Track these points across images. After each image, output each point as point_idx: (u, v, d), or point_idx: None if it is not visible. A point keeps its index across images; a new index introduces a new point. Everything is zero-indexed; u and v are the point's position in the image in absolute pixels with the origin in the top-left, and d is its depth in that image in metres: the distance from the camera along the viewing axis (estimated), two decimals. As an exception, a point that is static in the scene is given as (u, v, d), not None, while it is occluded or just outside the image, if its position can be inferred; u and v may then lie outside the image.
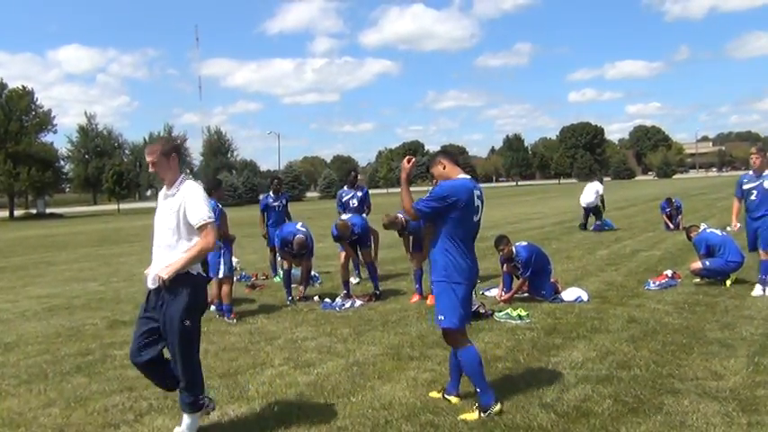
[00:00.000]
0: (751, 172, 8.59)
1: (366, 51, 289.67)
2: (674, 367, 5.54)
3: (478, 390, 4.69)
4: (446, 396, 5.01)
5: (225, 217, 8.65)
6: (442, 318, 4.71)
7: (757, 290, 8.37)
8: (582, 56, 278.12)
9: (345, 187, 11.24)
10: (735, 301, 8.07)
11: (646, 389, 5.03)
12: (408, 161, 4.92)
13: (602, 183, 19.33)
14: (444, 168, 4.92)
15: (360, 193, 10.89)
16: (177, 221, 4.34)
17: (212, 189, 8.80)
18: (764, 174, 8.34)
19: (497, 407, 4.64)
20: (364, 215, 10.61)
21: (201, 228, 4.30)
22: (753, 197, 8.40)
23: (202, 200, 4.35)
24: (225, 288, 8.46)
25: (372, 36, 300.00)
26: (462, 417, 4.63)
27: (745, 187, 8.53)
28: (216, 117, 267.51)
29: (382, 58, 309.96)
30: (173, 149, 4.49)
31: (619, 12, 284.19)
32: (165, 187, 4.52)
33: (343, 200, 11.02)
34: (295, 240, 9.30)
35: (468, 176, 4.92)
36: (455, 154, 5.31)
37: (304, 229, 9.54)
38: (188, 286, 4.32)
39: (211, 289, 8.89)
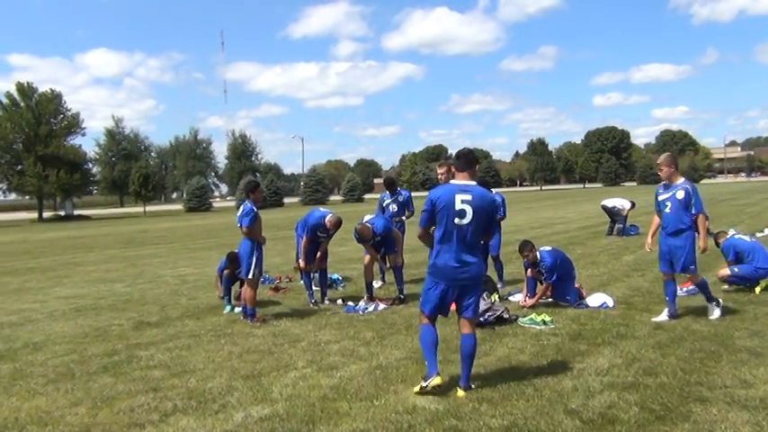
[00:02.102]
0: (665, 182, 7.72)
1: (390, 55, 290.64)
2: (702, 375, 5.46)
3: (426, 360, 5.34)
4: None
5: (260, 220, 8.59)
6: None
7: (712, 311, 7.53)
8: (607, 59, 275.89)
9: (387, 192, 11.21)
10: (764, 309, 7.92)
11: (673, 396, 4.96)
12: None
13: (632, 206, 18.81)
14: (449, 173, 5.49)
15: (401, 198, 10.89)
16: None
17: (249, 191, 8.76)
18: (677, 184, 7.53)
19: (437, 380, 5.15)
20: (403, 217, 10.63)
21: None
22: (667, 210, 7.51)
23: None
24: (249, 292, 8.47)
25: (396, 39, 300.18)
26: (415, 389, 5.25)
27: (660, 198, 7.68)
28: (240, 120, 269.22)
29: (406, 61, 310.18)
30: None
31: (645, 14, 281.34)
32: None
33: (384, 204, 11.04)
34: (327, 220, 9.35)
35: (462, 182, 5.26)
36: (461, 159, 5.43)
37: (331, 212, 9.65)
38: None
39: (239, 290, 8.95)
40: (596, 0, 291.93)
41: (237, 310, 9.15)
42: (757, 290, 8.84)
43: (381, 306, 8.99)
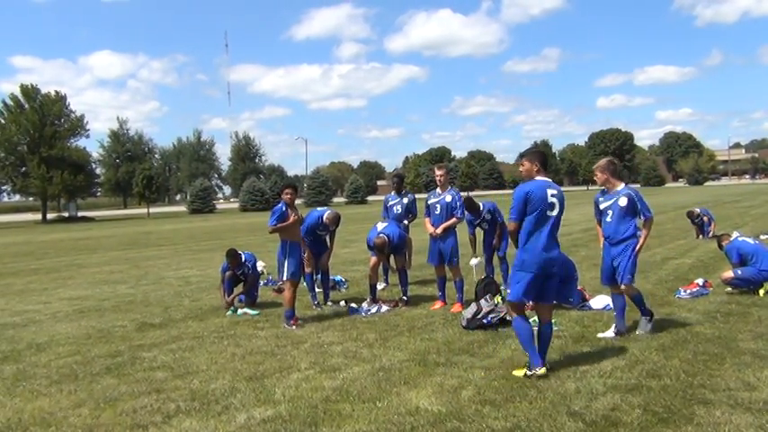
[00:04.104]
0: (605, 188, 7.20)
1: (393, 57, 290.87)
2: (705, 377, 5.44)
3: (527, 353, 5.74)
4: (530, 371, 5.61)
5: (290, 218, 8.50)
6: (508, 291, 6.01)
7: (643, 326, 7.11)
8: (611, 61, 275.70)
9: (392, 193, 11.21)
10: (768, 311, 7.90)
11: (676, 399, 4.95)
12: None
13: None
14: (533, 168, 5.85)
15: (405, 200, 10.88)
16: None
17: (279, 192, 8.83)
18: (618, 190, 7.04)
19: (542, 370, 5.56)
20: (405, 221, 10.62)
21: None
22: (609, 218, 7.05)
23: None
24: (286, 293, 8.35)
25: (399, 41, 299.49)
26: (514, 372, 5.68)
27: (602, 207, 7.18)
28: (244, 122, 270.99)
29: (409, 63, 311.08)
30: None
31: (649, 16, 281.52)
32: None
33: (388, 205, 11.05)
34: (326, 217, 9.48)
35: (547, 179, 5.85)
36: (546, 159, 6.03)
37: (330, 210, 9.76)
38: None
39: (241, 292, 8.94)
40: (600, 2, 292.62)
41: (240, 312, 9.16)
42: (761, 292, 8.82)
43: (384, 308, 8.99)
